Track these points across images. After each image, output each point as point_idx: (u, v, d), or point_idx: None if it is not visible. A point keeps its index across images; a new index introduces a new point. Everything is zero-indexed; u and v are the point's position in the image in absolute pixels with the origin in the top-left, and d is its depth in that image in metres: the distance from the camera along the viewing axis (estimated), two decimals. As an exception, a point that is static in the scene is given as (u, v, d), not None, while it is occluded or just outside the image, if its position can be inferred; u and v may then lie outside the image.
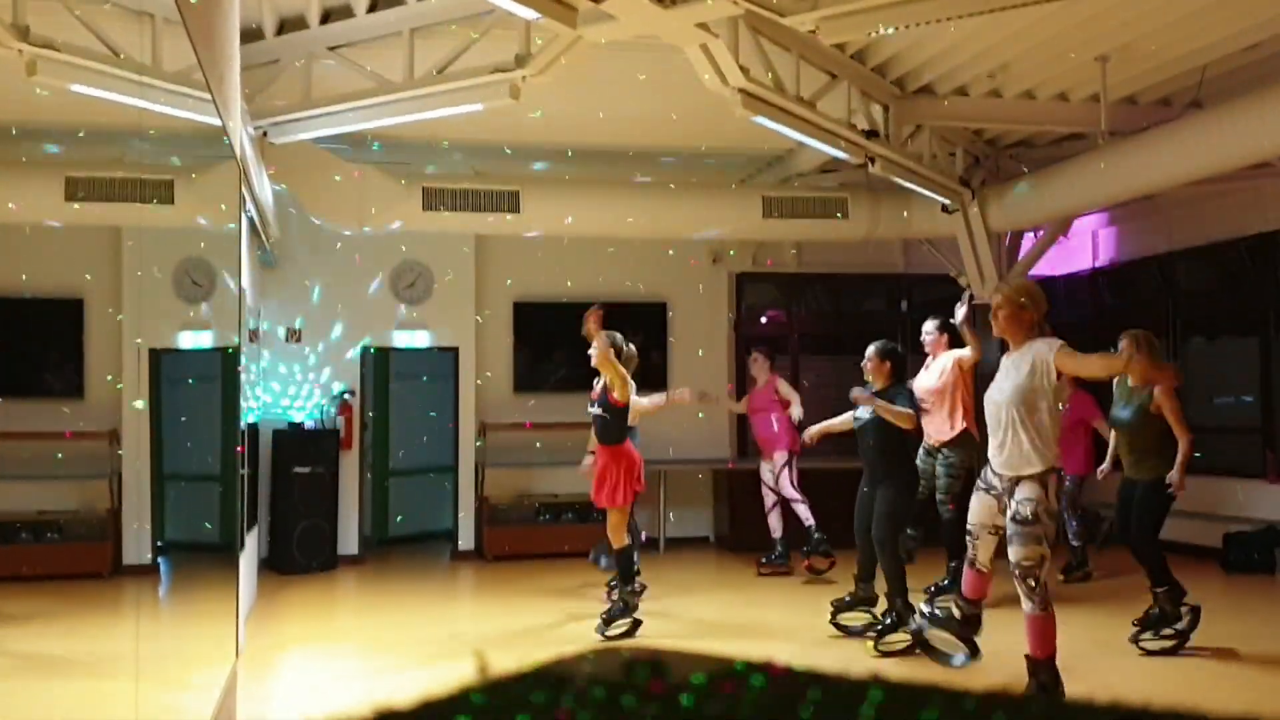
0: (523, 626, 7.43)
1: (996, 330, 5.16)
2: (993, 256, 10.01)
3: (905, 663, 6.25)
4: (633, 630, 7.03)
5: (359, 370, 10.56)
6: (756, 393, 9.57)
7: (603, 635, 6.97)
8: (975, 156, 10.07)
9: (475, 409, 10.76)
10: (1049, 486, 5.01)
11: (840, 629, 6.97)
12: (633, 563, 7.15)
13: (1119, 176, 8.40)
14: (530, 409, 10.84)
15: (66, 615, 7.16)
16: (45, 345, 9.38)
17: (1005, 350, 5.26)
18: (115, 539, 8.88)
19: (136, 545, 8.86)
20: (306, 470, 9.74)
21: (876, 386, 6.71)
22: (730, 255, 11.61)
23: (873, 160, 8.32)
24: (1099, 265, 11.48)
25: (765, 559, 9.45)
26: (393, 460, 11.50)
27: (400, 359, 11.33)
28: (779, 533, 9.36)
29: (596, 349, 7.02)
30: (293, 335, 10.31)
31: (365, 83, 7.44)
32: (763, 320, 11.93)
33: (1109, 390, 7.00)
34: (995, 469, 5.16)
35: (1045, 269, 11.08)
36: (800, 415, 9.02)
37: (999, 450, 5.11)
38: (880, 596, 6.81)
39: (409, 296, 10.69)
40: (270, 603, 8.35)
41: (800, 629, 7.28)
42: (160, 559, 8.87)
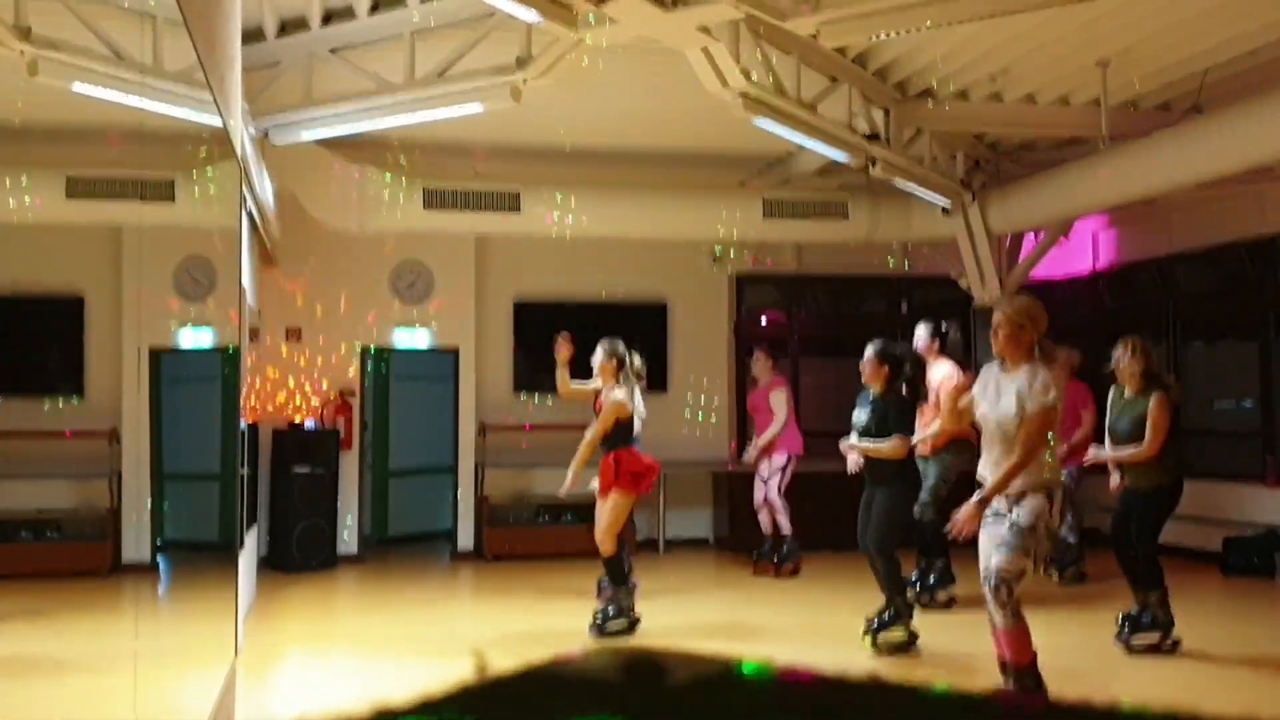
0: (522, 627, 7.44)
1: (995, 349, 5.06)
2: (993, 259, 10.01)
3: (905, 662, 6.26)
4: (630, 630, 7.03)
5: (359, 370, 10.56)
6: (757, 392, 9.57)
7: (598, 637, 6.98)
8: (976, 159, 10.08)
9: (475, 409, 10.76)
10: (1055, 500, 4.90)
11: (880, 648, 6.53)
12: (623, 567, 7.12)
13: (1119, 180, 8.41)
14: (530, 409, 10.85)
15: (66, 613, 7.16)
16: (45, 344, 9.39)
17: (1001, 360, 5.20)
18: (115, 537, 8.89)
19: (136, 544, 8.87)
20: (306, 470, 9.75)
21: (874, 391, 6.68)
22: (731, 256, 11.62)
23: (873, 163, 8.33)
24: (1099, 268, 11.48)
25: (758, 554, 9.48)
26: (392, 460, 11.50)
27: (400, 359, 11.33)
28: (768, 529, 9.40)
29: (599, 358, 7.05)
30: (292, 335, 10.32)
31: (366, 84, 7.45)
32: (763, 321, 11.93)
33: (1104, 381, 6.98)
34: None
35: (1045, 271, 11.08)
36: (771, 435, 9.12)
37: (998, 468, 4.97)
38: (914, 605, 6.76)
39: (409, 296, 10.69)
40: (269, 602, 8.35)
41: (800, 629, 7.28)
42: (160, 558, 8.88)
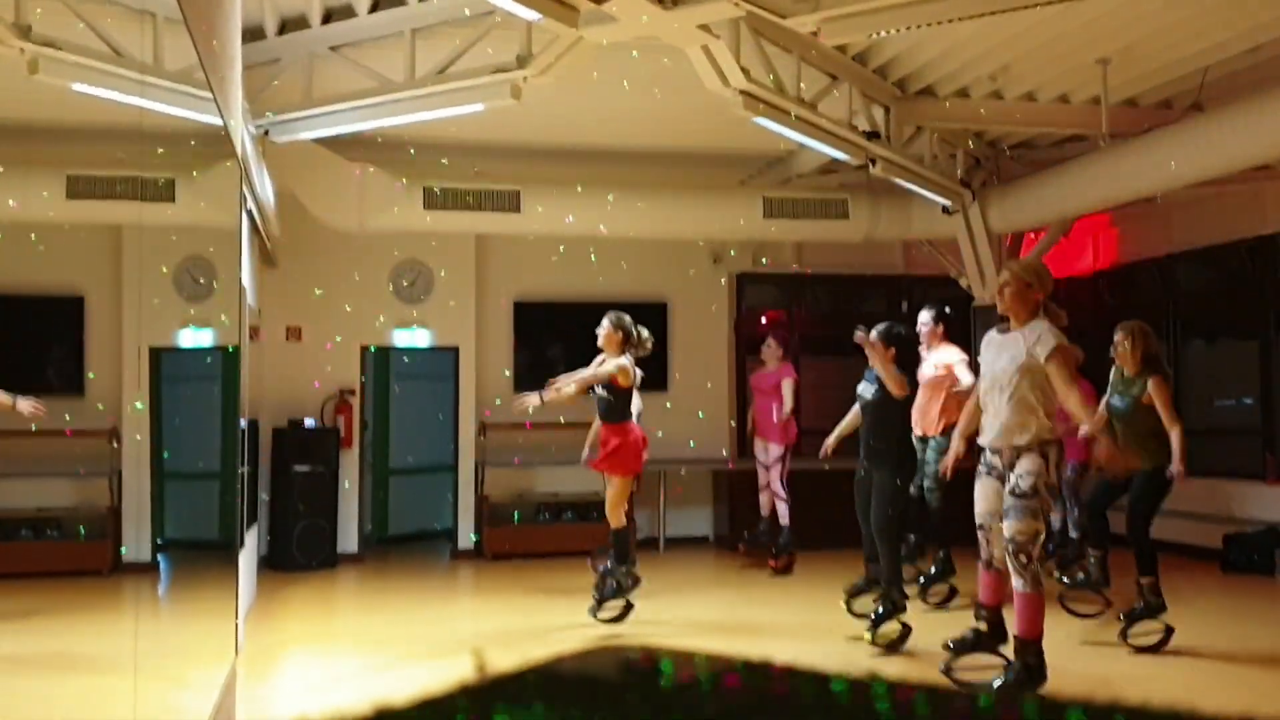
0: (522, 625, 7.44)
1: (1001, 307, 5.16)
2: (993, 258, 10.01)
3: (904, 660, 6.26)
4: (625, 614, 7.04)
5: (359, 369, 10.56)
6: (764, 374, 9.67)
7: (594, 616, 7.01)
8: (976, 158, 10.07)
9: (475, 408, 10.76)
10: (1049, 459, 4.98)
11: (856, 615, 6.89)
12: (628, 544, 7.17)
13: (1120, 179, 8.41)
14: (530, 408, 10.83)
15: (65, 613, 7.16)
16: (46, 343, 9.38)
17: (1000, 325, 5.24)
18: (115, 537, 8.89)
19: (136, 543, 8.87)
20: (306, 469, 9.75)
21: (879, 371, 6.72)
22: (731, 255, 11.62)
23: (873, 161, 8.32)
24: (1099, 267, 11.48)
25: (749, 537, 9.63)
26: (393, 459, 11.50)
27: (400, 358, 11.33)
28: (767, 511, 9.46)
29: (604, 329, 7.08)
30: (293, 334, 10.32)
31: (367, 82, 7.45)
32: (763, 320, 11.93)
33: (1107, 375, 6.99)
34: (992, 445, 5.11)
35: (1045, 270, 11.07)
36: (786, 412, 9.26)
37: (995, 420, 5.07)
38: (907, 597, 6.77)
39: (409, 295, 10.69)
40: (270, 601, 8.35)
41: (800, 627, 7.28)
42: (160, 557, 8.88)
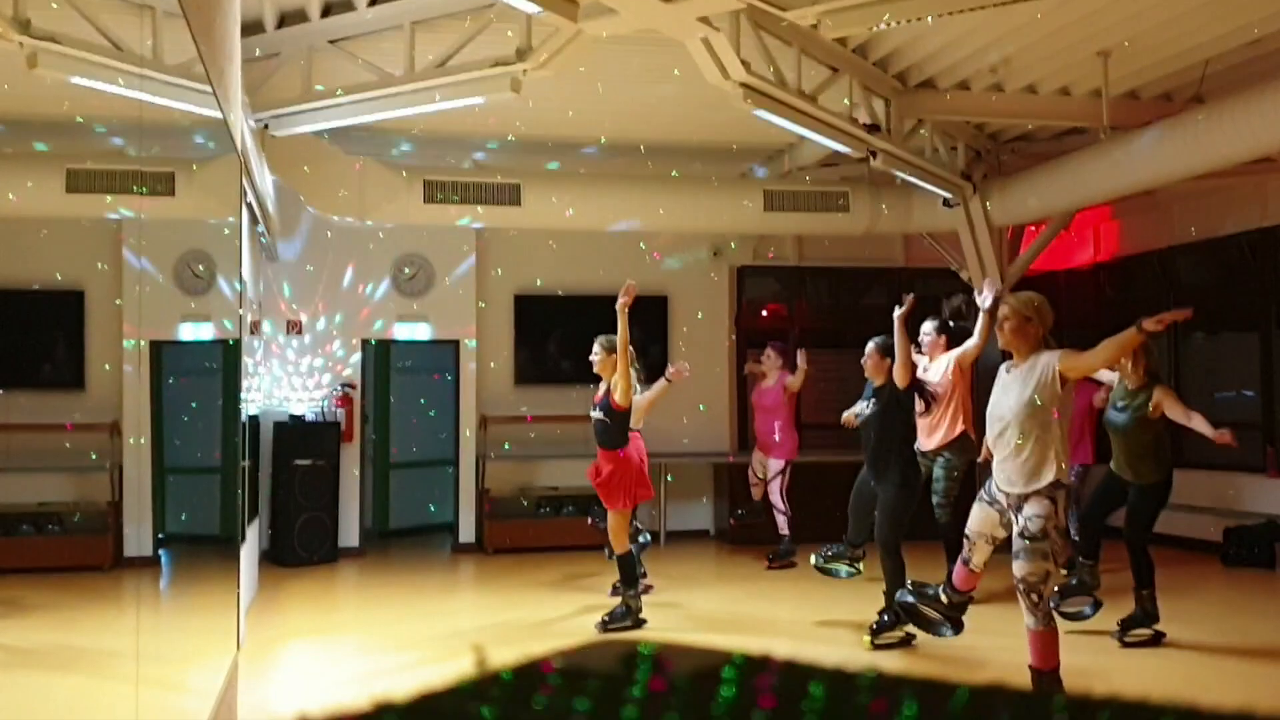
0: (523, 619, 7.44)
1: (1002, 342, 5.10)
2: (994, 250, 10.00)
3: (904, 657, 6.27)
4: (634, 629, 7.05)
5: (360, 363, 10.56)
6: (765, 388, 9.56)
7: (602, 631, 7.00)
8: (977, 151, 10.06)
9: (476, 402, 10.77)
10: (1059, 502, 4.92)
11: (825, 573, 7.31)
12: (634, 567, 7.13)
13: (1120, 171, 8.39)
14: (531, 402, 10.85)
15: (67, 607, 7.17)
16: (46, 337, 9.39)
17: (1006, 357, 5.21)
18: (116, 531, 8.90)
19: (137, 537, 8.88)
20: (307, 463, 9.75)
21: (876, 384, 6.66)
22: (731, 249, 11.61)
23: (874, 154, 8.31)
24: (1100, 260, 11.47)
25: (740, 512, 9.76)
26: (393, 453, 11.51)
27: (401, 351, 11.33)
28: (758, 497, 9.55)
29: (597, 353, 7.04)
30: (293, 327, 10.32)
31: (366, 76, 7.44)
32: (763, 314, 11.93)
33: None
34: (1000, 485, 5.07)
35: (1046, 263, 11.07)
36: (798, 384, 9.28)
37: (1004, 466, 5.01)
38: (860, 551, 7.13)
39: (410, 289, 10.69)
40: (271, 595, 8.36)
41: (800, 623, 7.29)
42: (161, 551, 8.89)
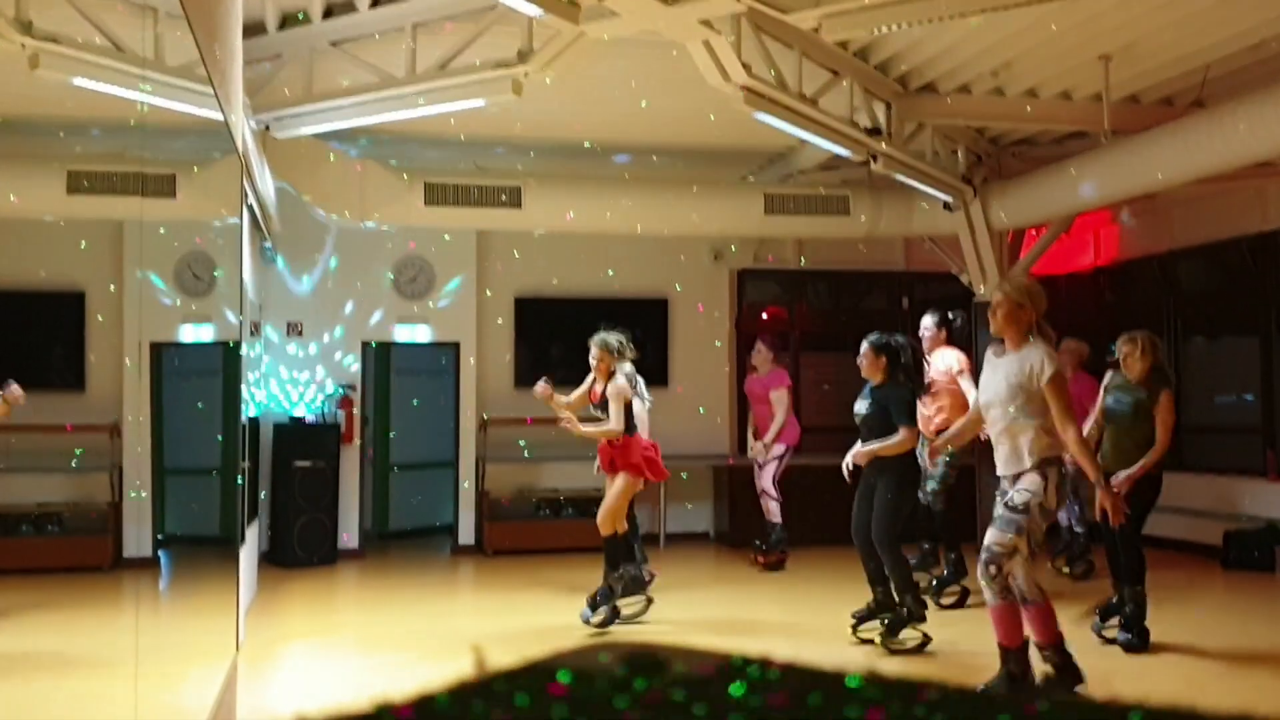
0: (522, 622, 7.44)
1: (994, 329, 5.16)
2: (995, 254, 10.00)
3: (907, 660, 6.26)
4: (612, 619, 7.04)
5: (360, 365, 10.57)
6: (757, 379, 9.60)
7: (586, 620, 7.03)
8: (977, 154, 10.06)
9: (476, 404, 10.77)
10: (1050, 479, 4.95)
11: (866, 642, 6.58)
12: (619, 551, 7.14)
13: (1121, 175, 8.40)
14: (531, 404, 10.84)
15: (67, 608, 7.17)
16: (47, 338, 9.39)
17: (995, 345, 5.24)
18: (116, 532, 8.90)
19: (137, 538, 8.88)
20: (307, 464, 9.75)
21: (874, 383, 6.66)
22: (732, 252, 11.61)
23: (875, 158, 8.31)
24: (1100, 264, 11.48)
25: (760, 544, 9.55)
26: (393, 455, 11.51)
27: (401, 354, 11.34)
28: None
29: (594, 356, 7.09)
30: (294, 329, 10.32)
31: (368, 77, 7.44)
32: (764, 317, 11.93)
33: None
34: (999, 472, 5.14)
35: (1047, 267, 11.08)
36: (772, 435, 9.23)
37: (997, 446, 5.12)
38: (926, 604, 6.59)
39: (410, 291, 10.69)
40: (270, 597, 8.36)
41: (800, 625, 7.29)
42: (160, 552, 8.89)
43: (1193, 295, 10.75)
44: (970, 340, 8.85)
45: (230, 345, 7.03)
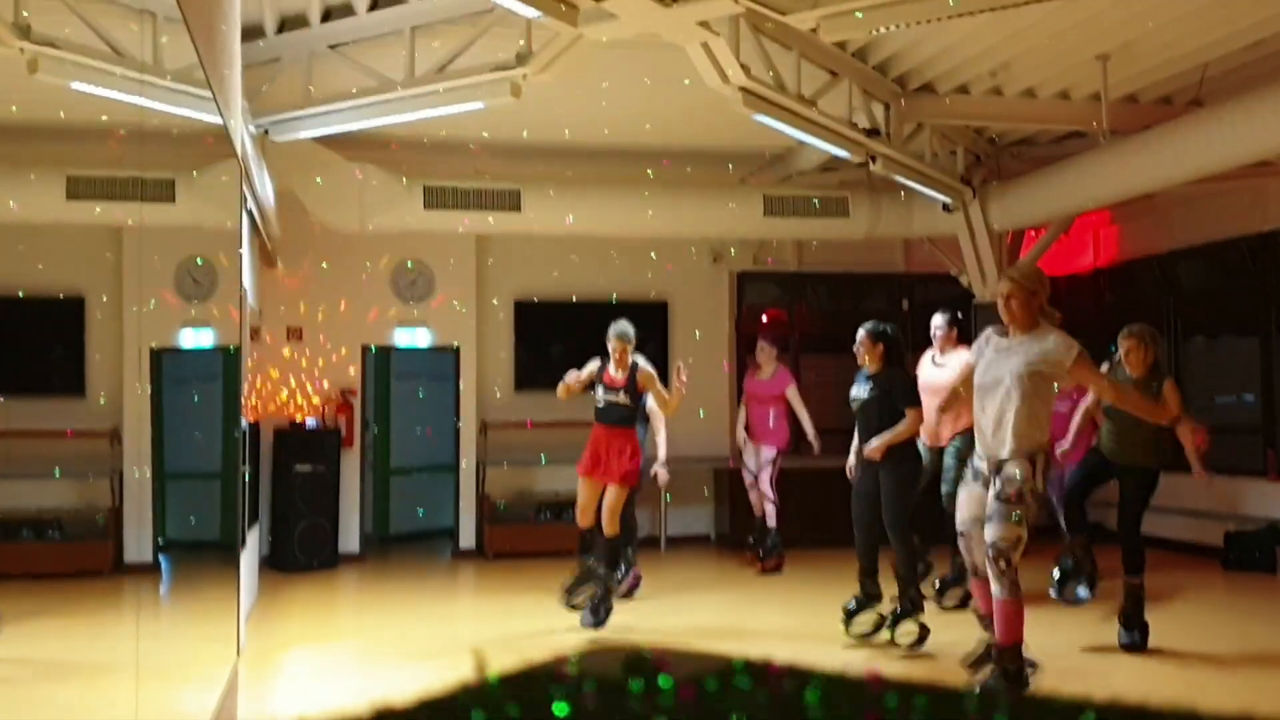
0: (523, 625, 7.43)
1: (1007, 318, 5.12)
2: (994, 255, 10.00)
3: (907, 661, 6.25)
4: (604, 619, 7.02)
5: (360, 369, 10.56)
6: (760, 381, 9.55)
7: (569, 605, 7.03)
8: (976, 155, 10.06)
9: (476, 408, 10.77)
10: (1037, 465, 4.98)
11: (857, 637, 6.62)
12: (618, 552, 7.14)
13: (1120, 175, 8.40)
14: (531, 408, 10.84)
15: (67, 614, 7.16)
16: (47, 344, 9.39)
17: (997, 326, 5.22)
18: (116, 537, 8.89)
19: (137, 543, 8.87)
20: (307, 469, 9.74)
21: (870, 371, 6.66)
22: (731, 254, 11.61)
23: (874, 159, 8.32)
24: (1100, 264, 11.48)
25: (751, 543, 9.53)
26: (394, 459, 11.50)
27: (401, 358, 11.33)
28: (760, 511, 9.46)
29: (616, 348, 7.06)
30: (293, 334, 10.32)
31: (366, 81, 7.45)
32: (763, 319, 11.93)
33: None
34: (984, 451, 5.11)
35: (1047, 267, 11.03)
36: (813, 433, 9.19)
37: (993, 427, 5.06)
38: (884, 593, 6.63)
39: (410, 295, 10.69)
40: (271, 601, 8.35)
41: (800, 628, 7.28)
42: (161, 557, 8.89)
43: (1193, 295, 10.74)
44: (969, 342, 8.84)
45: (230, 350, 7.02)
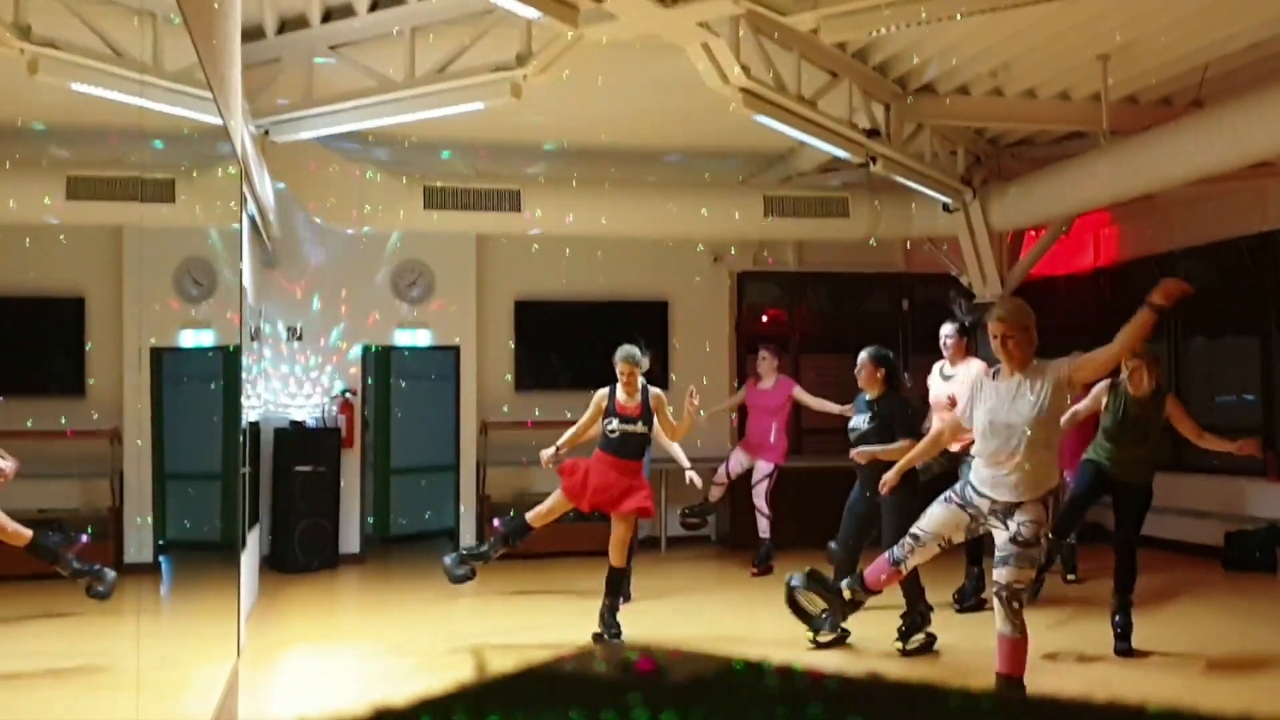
0: (523, 626, 7.44)
1: (1005, 359, 4.93)
2: (994, 255, 10.00)
3: (909, 663, 6.26)
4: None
5: (360, 369, 10.56)
6: (761, 391, 9.49)
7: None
8: (976, 155, 10.06)
9: (476, 408, 10.77)
10: (1049, 507, 4.98)
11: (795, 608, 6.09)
12: (620, 584, 7.08)
13: (1120, 175, 8.40)
14: (531, 407, 10.84)
15: (67, 614, 7.16)
16: (46, 344, 9.39)
17: (993, 368, 5.10)
18: (116, 538, 8.89)
19: (138, 544, 8.87)
20: (308, 469, 9.74)
21: (870, 396, 6.63)
22: (732, 254, 11.61)
23: (874, 159, 8.32)
24: (1100, 264, 11.47)
25: (687, 510, 9.47)
26: (394, 459, 11.50)
27: (401, 358, 11.34)
28: (715, 498, 9.47)
29: (624, 371, 7.05)
30: (294, 334, 10.32)
31: (366, 81, 7.45)
32: (764, 319, 11.93)
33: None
34: (988, 492, 4.95)
35: (1047, 267, 11.07)
36: (839, 408, 8.80)
37: (1004, 474, 4.88)
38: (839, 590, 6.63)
39: (410, 295, 10.69)
40: (271, 601, 8.35)
41: (799, 629, 7.27)
42: (161, 558, 8.88)
43: (1193, 295, 10.72)
44: (972, 345, 8.81)
45: (230, 350, 7.03)
